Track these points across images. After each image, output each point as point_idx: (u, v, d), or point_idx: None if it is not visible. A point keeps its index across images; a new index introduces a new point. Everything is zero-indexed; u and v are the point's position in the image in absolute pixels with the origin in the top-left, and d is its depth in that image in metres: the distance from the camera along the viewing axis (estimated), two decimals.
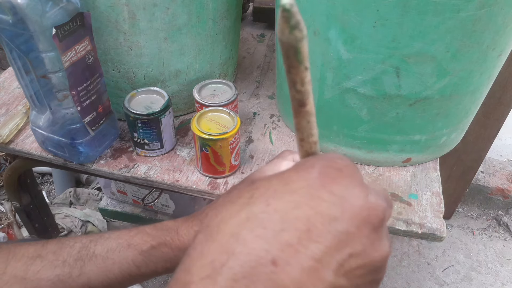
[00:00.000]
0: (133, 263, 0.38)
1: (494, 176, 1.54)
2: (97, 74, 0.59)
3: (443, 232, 0.53)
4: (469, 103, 0.57)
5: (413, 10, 0.43)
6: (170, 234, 0.38)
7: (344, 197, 0.20)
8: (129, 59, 0.64)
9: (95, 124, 0.62)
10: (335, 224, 0.20)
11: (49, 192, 1.62)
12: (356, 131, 0.58)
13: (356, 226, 0.20)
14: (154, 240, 0.38)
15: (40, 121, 0.61)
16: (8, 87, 0.79)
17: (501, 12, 0.44)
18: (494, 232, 1.55)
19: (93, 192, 1.53)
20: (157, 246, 0.38)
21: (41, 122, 0.61)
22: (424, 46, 0.46)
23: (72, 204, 1.52)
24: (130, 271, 0.38)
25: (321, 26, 0.50)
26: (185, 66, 0.68)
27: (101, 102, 0.62)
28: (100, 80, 0.60)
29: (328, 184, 0.20)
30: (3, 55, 1.58)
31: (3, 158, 1.51)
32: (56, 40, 0.49)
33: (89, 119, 0.60)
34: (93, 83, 0.58)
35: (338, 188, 0.20)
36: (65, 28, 0.50)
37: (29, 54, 0.51)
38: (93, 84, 0.58)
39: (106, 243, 0.38)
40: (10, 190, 0.84)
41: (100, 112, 0.62)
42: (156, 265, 0.38)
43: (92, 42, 0.56)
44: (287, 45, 0.19)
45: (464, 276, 1.41)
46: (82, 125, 0.60)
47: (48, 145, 0.64)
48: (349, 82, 0.53)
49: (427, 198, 0.58)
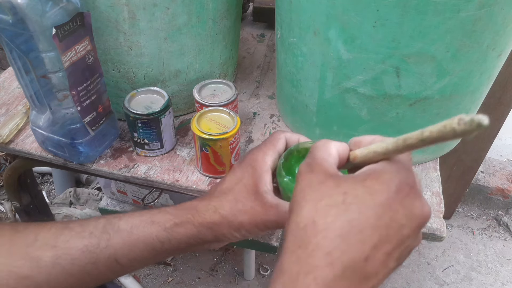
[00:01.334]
0: (157, 239, 0.39)
1: (494, 176, 1.54)
2: (97, 74, 0.59)
3: (443, 232, 0.53)
4: (469, 103, 0.57)
5: (413, 10, 0.43)
6: (190, 212, 0.39)
7: (410, 210, 0.28)
8: (129, 59, 0.64)
9: (95, 124, 0.62)
10: (402, 230, 0.27)
11: (49, 192, 1.62)
12: (356, 131, 0.58)
13: (413, 229, 0.28)
14: (176, 218, 0.39)
15: (40, 121, 0.61)
16: (8, 87, 0.79)
17: (501, 12, 0.44)
18: (494, 232, 1.55)
19: (93, 192, 1.53)
20: (180, 223, 0.39)
21: (41, 122, 0.61)
22: (424, 46, 0.46)
23: (72, 204, 1.52)
24: (154, 246, 0.39)
25: (321, 26, 0.50)
26: (185, 66, 0.68)
27: (101, 102, 0.62)
28: (100, 80, 0.60)
29: (403, 199, 0.28)
30: (3, 55, 1.59)
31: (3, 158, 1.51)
32: (56, 40, 0.49)
33: (89, 119, 0.60)
34: (93, 83, 0.58)
35: (408, 202, 0.28)
36: (65, 28, 0.50)
37: (29, 54, 0.51)
38: (93, 84, 0.58)
39: (130, 220, 0.39)
40: (10, 190, 0.84)
41: (100, 112, 0.62)
42: (179, 241, 0.39)
43: (92, 42, 0.56)
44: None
45: (464, 276, 1.41)
46: (82, 125, 0.60)
47: (48, 145, 0.64)
48: (349, 82, 0.53)
49: (427, 198, 0.58)
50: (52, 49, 0.50)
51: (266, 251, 1.06)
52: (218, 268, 1.40)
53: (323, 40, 0.51)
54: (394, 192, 0.27)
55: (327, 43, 0.51)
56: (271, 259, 1.43)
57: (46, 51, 0.50)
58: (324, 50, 0.52)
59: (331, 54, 0.51)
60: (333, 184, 0.29)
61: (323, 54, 0.52)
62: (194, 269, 1.40)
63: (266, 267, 1.41)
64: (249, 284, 1.36)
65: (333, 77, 0.54)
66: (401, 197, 0.27)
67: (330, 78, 0.54)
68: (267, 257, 1.44)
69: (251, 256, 1.27)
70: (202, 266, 1.40)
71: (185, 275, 1.38)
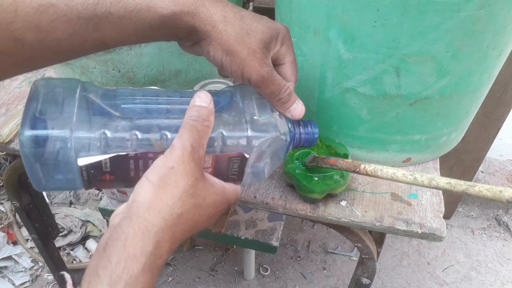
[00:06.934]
0: (149, 26, 0.36)
1: (494, 176, 1.54)
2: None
3: (443, 232, 0.53)
4: (469, 103, 0.57)
5: (413, 10, 0.43)
6: (195, 4, 0.37)
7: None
8: (129, 58, 0.64)
9: None
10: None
11: (49, 192, 1.62)
12: (356, 131, 0.58)
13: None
14: (177, 6, 0.36)
15: None
16: (8, 87, 0.79)
17: (501, 12, 0.44)
18: (494, 232, 1.55)
19: (93, 191, 1.53)
20: (178, 13, 0.36)
21: None
22: (424, 46, 0.46)
23: (72, 204, 1.52)
24: (144, 33, 0.37)
25: (321, 26, 0.50)
26: (185, 66, 0.68)
27: None
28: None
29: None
30: None
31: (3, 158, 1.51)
32: None
33: None
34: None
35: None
36: None
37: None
38: None
39: (122, 4, 0.35)
40: (10, 190, 0.84)
41: None
42: (175, 31, 0.37)
43: None
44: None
45: (464, 276, 1.41)
46: None
47: None
48: (349, 81, 0.53)
49: (427, 198, 0.58)
50: None
51: (266, 251, 1.06)
52: (218, 268, 1.40)
53: (323, 40, 0.51)
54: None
55: (327, 43, 0.51)
56: (271, 259, 1.43)
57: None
58: (324, 50, 0.52)
59: (331, 54, 0.51)
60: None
61: (323, 54, 0.52)
62: (194, 269, 1.40)
63: (266, 267, 1.41)
64: (249, 284, 1.36)
65: (333, 77, 0.54)
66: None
67: (330, 78, 0.54)
68: (267, 257, 1.44)
69: (251, 256, 1.28)
70: (202, 266, 1.41)
71: (185, 274, 1.38)
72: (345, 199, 0.57)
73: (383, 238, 0.69)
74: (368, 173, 0.46)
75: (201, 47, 0.40)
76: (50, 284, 1.36)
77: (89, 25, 0.34)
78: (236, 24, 0.39)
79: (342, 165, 0.49)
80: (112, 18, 0.35)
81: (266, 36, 0.40)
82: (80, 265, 1.36)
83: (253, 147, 0.41)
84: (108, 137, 0.36)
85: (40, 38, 0.33)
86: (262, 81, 0.41)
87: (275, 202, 0.57)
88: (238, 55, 0.39)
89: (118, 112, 0.38)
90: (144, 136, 0.37)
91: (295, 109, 0.44)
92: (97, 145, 0.36)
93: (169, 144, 0.37)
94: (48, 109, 0.36)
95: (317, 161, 0.52)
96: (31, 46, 0.33)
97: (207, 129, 0.37)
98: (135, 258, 0.31)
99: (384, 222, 0.54)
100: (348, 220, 0.55)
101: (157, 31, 0.37)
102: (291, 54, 0.44)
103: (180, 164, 0.34)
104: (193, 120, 0.37)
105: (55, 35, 0.34)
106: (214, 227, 1.01)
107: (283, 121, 0.44)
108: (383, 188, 0.59)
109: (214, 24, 0.38)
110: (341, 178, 0.53)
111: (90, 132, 0.36)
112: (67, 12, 0.33)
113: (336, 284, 1.37)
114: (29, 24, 0.32)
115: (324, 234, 1.51)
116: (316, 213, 0.55)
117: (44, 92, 0.37)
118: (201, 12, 0.37)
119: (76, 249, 1.41)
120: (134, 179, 0.37)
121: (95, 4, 0.34)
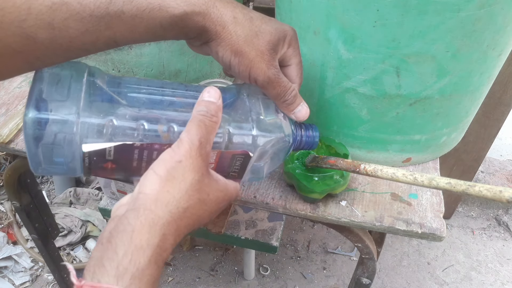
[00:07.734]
0: (160, 26, 0.36)
1: (494, 176, 1.54)
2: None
3: (443, 232, 0.53)
4: (469, 103, 0.57)
5: (413, 10, 0.43)
6: (207, 4, 0.37)
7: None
8: (129, 58, 0.64)
9: None
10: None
11: (49, 192, 1.62)
12: (356, 131, 0.58)
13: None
14: (188, 6, 0.36)
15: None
16: (8, 87, 0.79)
17: (501, 12, 0.44)
18: (494, 232, 1.55)
19: (93, 191, 1.53)
20: (190, 13, 0.37)
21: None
22: (424, 46, 0.46)
23: (72, 203, 1.52)
24: (155, 32, 0.37)
25: (321, 26, 0.50)
26: (185, 66, 0.68)
27: None
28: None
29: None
30: None
31: (3, 158, 1.51)
32: None
33: None
34: None
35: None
36: None
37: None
38: None
39: (135, 3, 0.35)
40: (10, 190, 0.84)
41: None
42: (185, 30, 0.38)
43: None
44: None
45: (464, 276, 1.41)
46: None
47: None
48: (349, 81, 0.53)
49: (427, 198, 0.58)
50: None
51: (266, 251, 1.06)
52: (218, 268, 1.40)
53: (323, 40, 0.51)
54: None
55: (327, 43, 0.51)
56: (271, 259, 1.43)
57: None
58: (324, 50, 0.52)
59: (331, 54, 0.51)
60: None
61: (323, 54, 0.52)
62: (194, 269, 1.40)
63: (266, 267, 1.41)
64: (249, 284, 1.36)
65: (333, 77, 0.54)
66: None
67: (330, 78, 0.54)
68: (267, 257, 1.44)
69: (251, 256, 1.28)
70: (202, 265, 1.41)
71: (185, 274, 1.38)
72: (345, 199, 0.57)
73: (383, 238, 0.69)
74: (368, 173, 0.46)
75: (210, 47, 0.40)
76: (50, 284, 1.36)
77: (101, 23, 0.34)
78: (246, 25, 0.39)
79: (342, 165, 0.49)
80: (124, 17, 0.35)
81: (274, 38, 0.41)
82: (80, 265, 1.36)
83: (258, 146, 0.41)
84: (115, 125, 0.36)
85: (52, 36, 0.33)
86: (269, 83, 0.41)
87: (275, 202, 0.57)
88: (247, 56, 0.39)
89: (125, 101, 0.38)
90: (151, 127, 0.37)
91: (300, 111, 0.45)
92: (103, 132, 0.36)
93: (176, 136, 0.37)
94: (54, 91, 0.35)
95: (317, 161, 0.53)
96: (43, 43, 0.33)
97: (214, 124, 0.37)
98: (142, 250, 0.31)
99: (384, 222, 0.54)
100: (348, 220, 0.55)
101: (168, 31, 0.37)
102: (297, 56, 0.44)
103: (187, 158, 0.35)
104: (201, 115, 0.37)
105: (67, 33, 0.34)
106: (214, 227, 1.01)
107: (287, 123, 0.44)
108: (383, 188, 0.59)
109: (224, 25, 0.38)
110: (341, 178, 0.53)
111: (97, 119, 0.35)
112: (79, 10, 0.33)
113: (336, 284, 1.37)
114: (42, 22, 0.33)
115: (324, 234, 1.51)
116: (316, 213, 0.56)
117: (51, 73, 0.37)
118: (212, 13, 0.38)
119: (76, 249, 1.42)
120: (135, 170, 0.37)
121: (108, 3, 0.34)
